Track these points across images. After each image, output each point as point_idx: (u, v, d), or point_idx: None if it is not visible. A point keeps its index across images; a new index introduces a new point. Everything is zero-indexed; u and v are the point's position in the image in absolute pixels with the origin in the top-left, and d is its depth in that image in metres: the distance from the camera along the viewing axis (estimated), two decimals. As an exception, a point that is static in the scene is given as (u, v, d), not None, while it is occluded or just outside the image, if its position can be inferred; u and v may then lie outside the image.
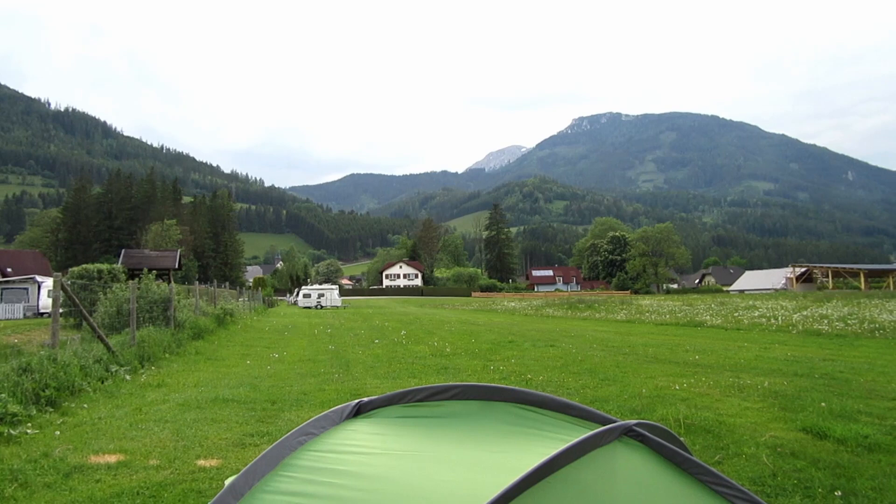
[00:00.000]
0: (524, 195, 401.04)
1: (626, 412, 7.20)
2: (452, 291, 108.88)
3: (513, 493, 1.39)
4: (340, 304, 56.85)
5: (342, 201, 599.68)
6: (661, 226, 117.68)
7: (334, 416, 2.17)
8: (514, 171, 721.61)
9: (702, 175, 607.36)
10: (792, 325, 20.57)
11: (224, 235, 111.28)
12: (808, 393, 8.16)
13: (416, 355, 13.65)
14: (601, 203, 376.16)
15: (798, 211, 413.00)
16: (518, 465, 1.51)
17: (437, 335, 19.44)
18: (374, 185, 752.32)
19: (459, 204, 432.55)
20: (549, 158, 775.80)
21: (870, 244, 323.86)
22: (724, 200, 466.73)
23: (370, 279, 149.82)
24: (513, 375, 10.28)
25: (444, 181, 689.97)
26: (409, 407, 2.24)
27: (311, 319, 31.73)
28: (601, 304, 40.34)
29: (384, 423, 2.16)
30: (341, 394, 8.66)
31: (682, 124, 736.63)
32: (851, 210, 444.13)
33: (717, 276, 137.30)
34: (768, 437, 5.90)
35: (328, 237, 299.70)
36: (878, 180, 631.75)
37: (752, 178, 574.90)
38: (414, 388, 2.26)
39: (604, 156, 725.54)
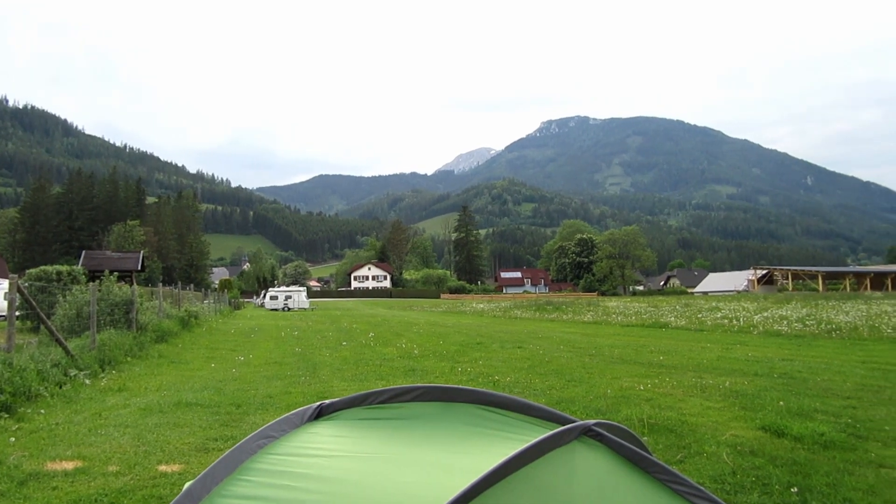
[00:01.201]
0: (493, 197, 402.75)
1: (591, 412, 7.28)
2: (421, 293, 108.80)
3: (472, 494, 1.39)
4: (308, 306, 56.35)
5: (310, 202, 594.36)
6: (628, 228, 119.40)
7: (295, 418, 2.15)
8: (484, 173, 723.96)
9: (667, 179, 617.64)
10: (753, 327, 21.03)
11: (189, 237, 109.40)
12: (768, 392, 8.36)
13: (384, 357, 13.60)
14: (569, 206, 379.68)
15: (759, 214, 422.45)
16: (479, 465, 1.51)
17: (406, 337, 19.41)
18: (342, 187, 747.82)
19: (429, 206, 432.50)
20: (517, 161, 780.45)
21: (827, 247, 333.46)
22: (689, 204, 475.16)
23: (338, 281, 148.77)
24: (480, 377, 10.31)
25: (413, 183, 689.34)
26: (371, 409, 2.22)
27: (278, 322, 31.39)
28: (569, 305, 40.71)
29: (346, 426, 2.14)
30: (307, 396, 8.59)
31: (649, 129, 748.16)
32: (810, 214, 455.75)
33: (681, 278, 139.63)
34: (729, 436, 6.02)
35: (296, 239, 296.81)
36: (835, 185, 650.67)
37: (715, 182, 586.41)
38: (376, 390, 2.26)
39: (572, 159, 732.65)
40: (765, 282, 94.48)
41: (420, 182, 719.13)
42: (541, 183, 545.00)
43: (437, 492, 1.50)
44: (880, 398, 7.93)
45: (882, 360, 12.18)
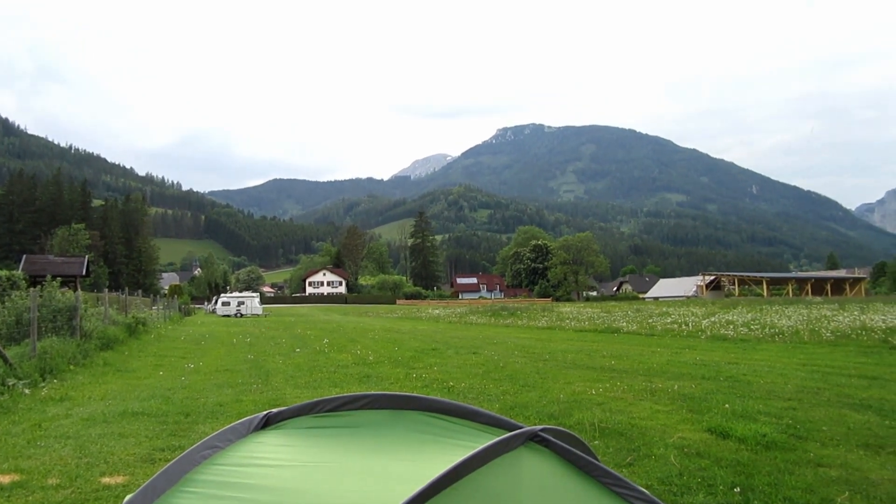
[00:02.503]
0: (449, 203, 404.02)
1: (544, 417, 7.36)
2: (377, 299, 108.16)
3: (418, 502, 1.39)
4: (261, 312, 55.40)
5: (264, 207, 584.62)
6: (582, 235, 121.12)
7: (241, 428, 2.11)
8: (440, 179, 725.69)
9: (620, 186, 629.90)
10: (701, 331, 21.58)
11: (137, 241, 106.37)
12: (714, 395, 8.59)
13: (339, 364, 13.48)
14: (524, 212, 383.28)
15: (708, 222, 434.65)
16: (426, 473, 1.51)
17: (361, 343, 19.27)
18: (297, 191, 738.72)
19: (385, 211, 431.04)
20: (474, 167, 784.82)
21: (771, 254, 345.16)
22: (641, 211, 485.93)
23: (293, 287, 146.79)
24: (435, 383, 10.31)
25: (369, 188, 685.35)
26: (320, 417, 2.20)
27: (230, 328, 30.77)
28: (523, 311, 41.07)
29: (293, 435, 2.11)
30: (259, 404, 8.44)
31: (602, 137, 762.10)
32: (755, 222, 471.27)
33: (633, 283, 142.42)
34: (676, 439, 6.16)
35: (249, 244, 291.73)
36: (778, 194, 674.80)
37: (666, 189, 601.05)
38: (324, 399, 2.24)
39: (527, 166, 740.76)
40: (713, 287, 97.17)
41: (376, 188, 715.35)
42: (496, 189, 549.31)
43: (384, 500, 1.50)
44: (819, 399, 8.23)
45: (821, 362, 12.66)
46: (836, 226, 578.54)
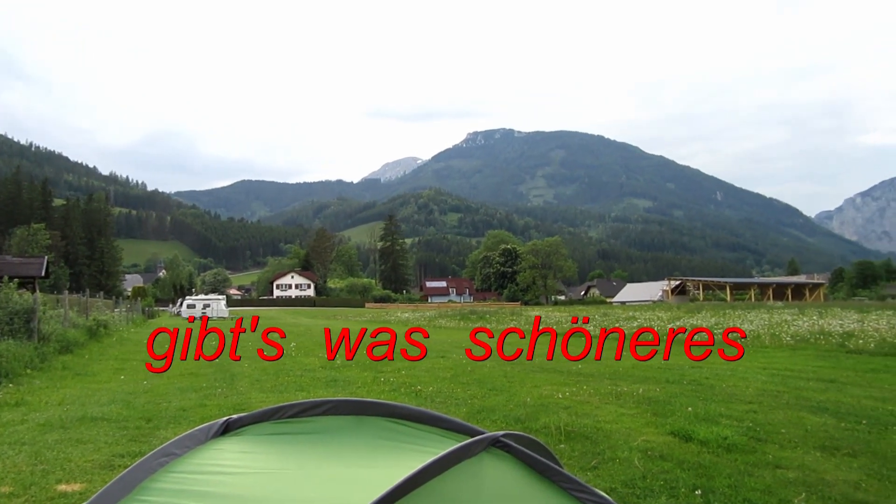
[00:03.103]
0: (419, 207, 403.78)
1: (511, 421, 7.39)
2: (346, 302, 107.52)
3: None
4: (227, 315, 54.62)
5: (232, 208, 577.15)
6: (550, 239, 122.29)
7: (200, 434, 2.07)
8: (410, 182, 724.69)
9: (588, 191, 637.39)
10: (666, 335, 21.89)
11: (100, 242, 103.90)
12: (678, 398, 8.72)
13: (306, 368, 13.34)
14: (494, 216, 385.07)
15: (674, 227, 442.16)
16: (388, 479, 1.51)
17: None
18: (266, 193, 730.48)
19: (354, 214, 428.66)
20: (444, 171, 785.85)
21: (735, 259, 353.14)
22: (608, 216, 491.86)
23: (260, 289, 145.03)
24: (403, 387, 10.28)
25: (339, 190, 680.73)
26: (280, 423, 2.17)
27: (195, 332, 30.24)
28: (492, 314, 41.22)
29: (253, 441, 2.08)
30: (224, 409, 8.30)
31: (571, 142, 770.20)
32: (720, 228, 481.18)
33: (601, 288, 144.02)
34: (640, 442, 6.24)
35: (216, 245, 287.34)
36: (742, 201, 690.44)
37: (633, 195, 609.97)
38: (285, 404, 2.21)
39: (497, 170, 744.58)
40: (678, 292, 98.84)
41: (346, 190, 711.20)
42: (467, 193, 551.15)
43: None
44: (779, 402, 8.42)
45: (781, 366, 12.95)
46: (796, 232, 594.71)
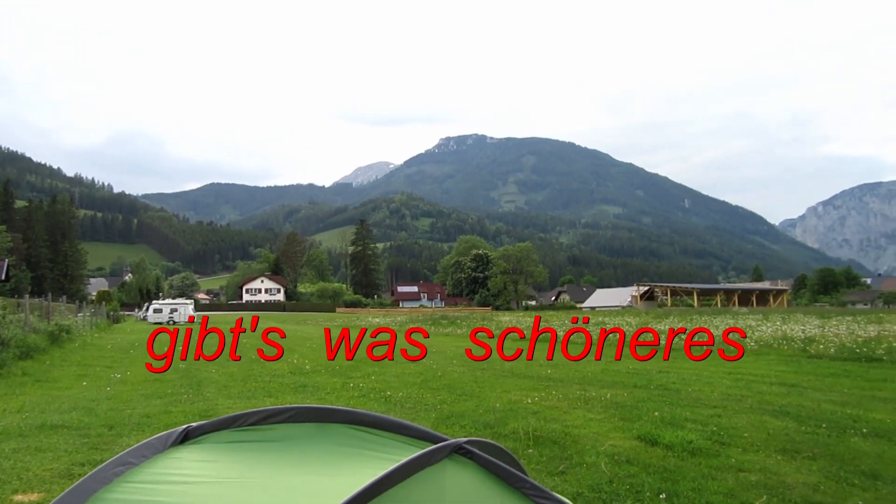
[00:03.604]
0: (391, 211, 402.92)
1: (480, 426, 7.41)
2: (316, 307, 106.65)
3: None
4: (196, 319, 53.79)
5: (201, 211, 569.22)
6: (522, 245, 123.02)
7: (157, 443, 2.02)
8: (382, 186, 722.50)
9: (559, 198, 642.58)
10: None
11: (64, 244, 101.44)
12: (645, 403, 8.83)
13: (274, 373, 13.20)
14: (466, 221, 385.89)
15: (643, 234, 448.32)
16: (349, 487, 1.50)
17: (298, 352, 18.94)
18: (236, 196, 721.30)
19: (326, 218, 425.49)
20: (416, 176, 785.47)
21: (702, 266, 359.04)
22: (579, 223, 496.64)
23: (229, 294, 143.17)
24: (372, 392, 10.23)
25: (310, 195, 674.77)
26: (241, 431, 2.13)
27: (161, 336, 29.73)
28: (463, 319, 41.24)
29: (212, 450, 2.04)
30: (189, 416, 8.17)
31: (542, 149, 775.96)
32: (687, 234, 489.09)
33: (571, 293, 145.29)
34: (608, 446, 6.30)
35: (184, 249, 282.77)
36: (709, 208, 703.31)
37: (603, 202, 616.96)
38: (246, 412, 2.17)
39: (469, 175, 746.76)
40: (647, 297, 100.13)
41: (317, 194, 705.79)
42: (439, 198, 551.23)
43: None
44: (742, 406, 8.58)
45: (745, 371, 13.20)
46: (761, 239, 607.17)
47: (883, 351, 15.89)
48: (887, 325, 26.21)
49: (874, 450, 6.19)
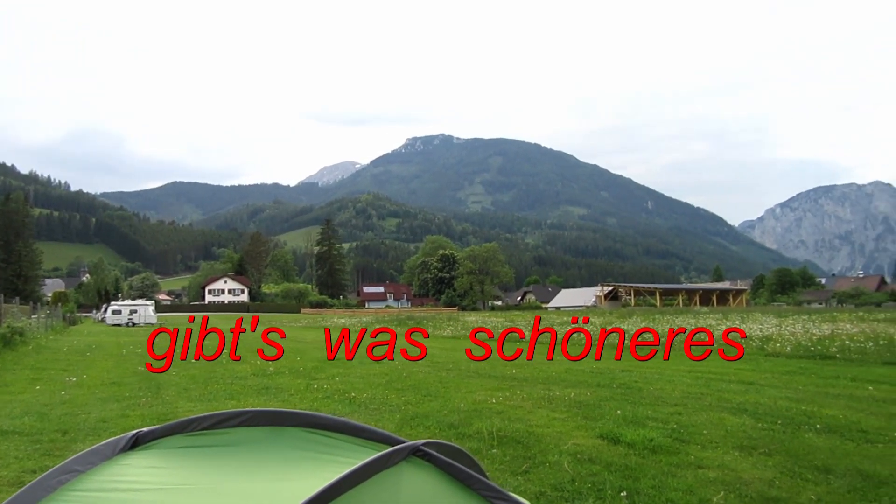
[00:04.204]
0: (357, 211, 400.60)
1: (444, 427, 7.40)
2: (281, 307, 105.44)
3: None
4: (155, 321, 52.77)
5: (162, 211, 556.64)
6: (488, 245, 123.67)
7: (106, 449, 1.95)
8: (348, 186, 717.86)
9: (525, 199, 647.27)
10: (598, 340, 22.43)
11: (18, 244, 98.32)
12: (607, 402, 8.94)
13: (237, 375, 13.00)
14: (433, 222, 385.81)
15: (607, 235, 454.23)
16: (304, 492, 1.47)
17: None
18: (198, 195, 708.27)
19: (291, 218, 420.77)
20: (383, 176, 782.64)
21: (664, 266, 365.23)
22: (545, 223, 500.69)
23: (191, 295, 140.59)
24: (336, 394, 10.14)
25: (275, 194, 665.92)
26: (193, 436, 2.07)
27: (120, 338, 29.06)
28: (429, 320, 41.25)
29: (163, 456, 1.98)
30: (147, 420, 7.99)
31: (509, 150, 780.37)
32: (650, 235, 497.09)
33: (537, 293, 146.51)
34: (570, 445, 6.36)
35: (145, 249, 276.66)
36: (671, 210, 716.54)
37: (568, 203, 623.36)
38: (199, 416, 2.12)
39: (436, 176, 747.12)
40: (611, 297, 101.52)
41: (282, 193, 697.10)
42: (405, 198, 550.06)
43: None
44: (702, 404, 8.74)
45: (705, 369, 13.47)
46: (721, 240, 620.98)
47: (836, 349, 16.39)
48: (840, 323, 27.06)
49: (827, 445, 6.36)
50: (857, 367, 13.75)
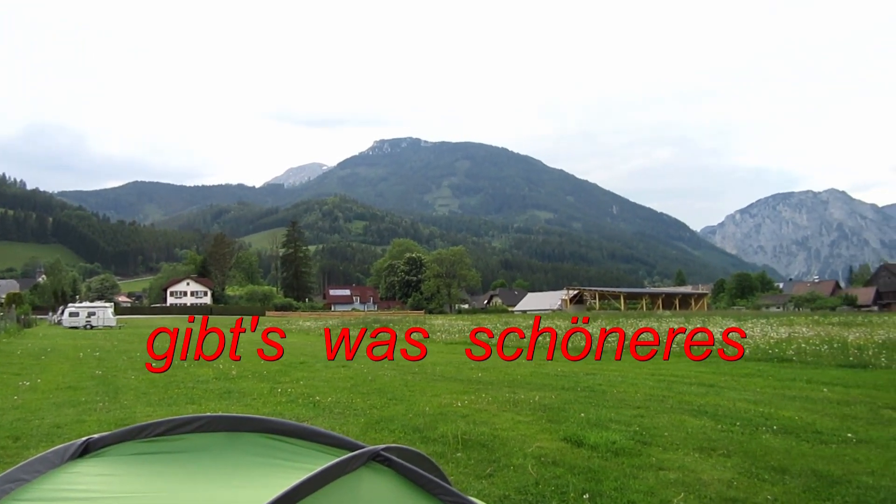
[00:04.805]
0: (324, 213, 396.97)
1: (409, 431, 7.38)
2: (245, 310, 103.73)
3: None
4: (115, 323, 51.46)
5: (123, 211, 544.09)
6: (455, 249, 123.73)
7: (54, 457, 1.87)
8: (315, 188, 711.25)
9: (492, 202, 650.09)
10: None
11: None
12: (572, 405, 9.01)
13: (198, 379, 12.76)
14: (400, 224, 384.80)
15: (573, 239, 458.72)
16: (259, 499, 1.43)
17: (224, 356, 18.39)
18: (160, 195, 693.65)
19: (256, 219, 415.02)
20: (350, 178, 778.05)
21: (628, 270, 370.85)
22: (512, 227, 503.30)
23: (152, 297, 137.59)
24: (301, 398, 10.03)
25: (240, 195, 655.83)
26: (147, 443, 2.01)
27: (78, 341, 28.28)
28: (396, 323, 41.10)
29: (114, 463, 1.91)
30: (104, 425, 7.79)
31: (476, 154, 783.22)
32: (615, 240, 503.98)
33: (503, 297, 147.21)
34: (535, 448, 6.39)
35: (104, 249, 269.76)
36: (635, 215, 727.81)
37: (535, 207, 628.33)
38: (152, 422, 2.05)
39: (403, 179, 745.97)
40: (576, 301, 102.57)
41: (247, 195, 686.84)
42: (372, 201, 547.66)
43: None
44: (664, 407, 8.87)
45: (667, 372, 13.68)
46: (683, 245, 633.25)
47: (793, 352, 16.81)
48: (797, 327, 27.81)
49: (783, 445, 6.52)
50: (813, 369, 14.13)
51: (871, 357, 15.21)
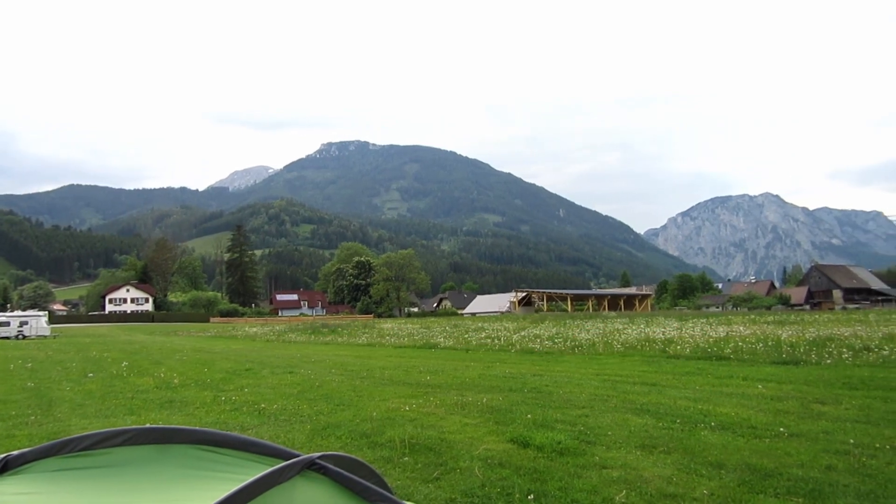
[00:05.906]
0: (270, 217, 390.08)
1: (356, 436, 7.32)
2: (189, 317, 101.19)
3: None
4: (49, 333, 49.34)
5: (58, 215, 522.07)
6: (404, 252, 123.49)
7: (-31, 476, 1.79)
8: (261, 192, 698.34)
9: (441, 205, 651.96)
10: (511, 345, 22.84)
11: None
12: (519, 406, 9.10)
13: (138, 389, 12.37)
14: (348, 228, 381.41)
15: (521, 242, 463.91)
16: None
17: (166, 365, 17.87)
18: (98, 199, 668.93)
19: (199, 224, 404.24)
20: (297, 181, 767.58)
21: (575, 272, 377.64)
22: (460, 230, 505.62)
23: (90, 304, 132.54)
24: (245, 406, 9.82)
25: (182, 198, 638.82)
26: (70, 458, 1.92)
27: (8, 352, 27.02)
28: (345, 328, 40.74)
29: (34, 481, 1.82)
30: (35, 439, 7.46)
31: (425, 157, 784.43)
32: (562, 242, 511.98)
33: (452, 299, 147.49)
34: (482, 450, 6.42)
35: (37, 256, 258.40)
36: (581, 218, 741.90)
37: (483, 210, 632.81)
38: (76, 437, 1.97)
39: (351, 182, 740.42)
40: (524, 303, 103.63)
41: (190, 198, 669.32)
42: (320, 205, 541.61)
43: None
44: (608, 406, 9.05)
45: (612, 372, 13.97)
46: (628, 247, 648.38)
47: (730, 350, 17.40)
48: (734, 326, 28.80)
49: (720, 441, 6.74)
50: (749, 366, 14.64)
51: (802, 354, 15.87)
